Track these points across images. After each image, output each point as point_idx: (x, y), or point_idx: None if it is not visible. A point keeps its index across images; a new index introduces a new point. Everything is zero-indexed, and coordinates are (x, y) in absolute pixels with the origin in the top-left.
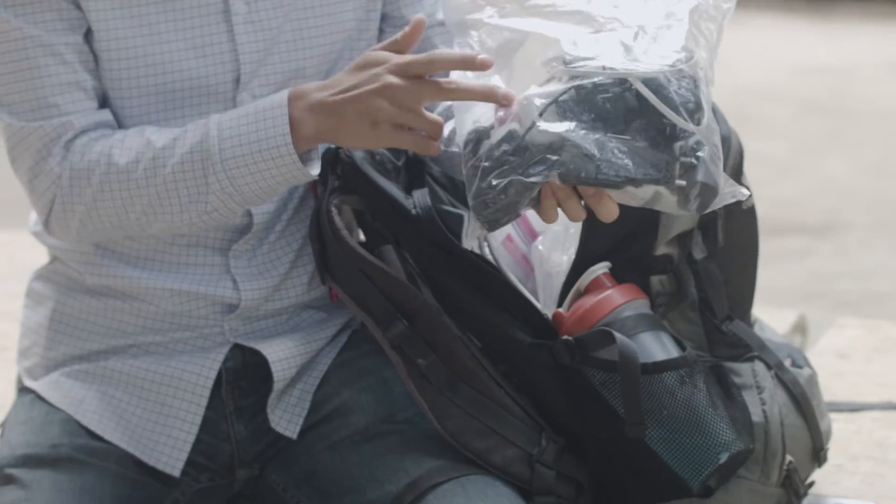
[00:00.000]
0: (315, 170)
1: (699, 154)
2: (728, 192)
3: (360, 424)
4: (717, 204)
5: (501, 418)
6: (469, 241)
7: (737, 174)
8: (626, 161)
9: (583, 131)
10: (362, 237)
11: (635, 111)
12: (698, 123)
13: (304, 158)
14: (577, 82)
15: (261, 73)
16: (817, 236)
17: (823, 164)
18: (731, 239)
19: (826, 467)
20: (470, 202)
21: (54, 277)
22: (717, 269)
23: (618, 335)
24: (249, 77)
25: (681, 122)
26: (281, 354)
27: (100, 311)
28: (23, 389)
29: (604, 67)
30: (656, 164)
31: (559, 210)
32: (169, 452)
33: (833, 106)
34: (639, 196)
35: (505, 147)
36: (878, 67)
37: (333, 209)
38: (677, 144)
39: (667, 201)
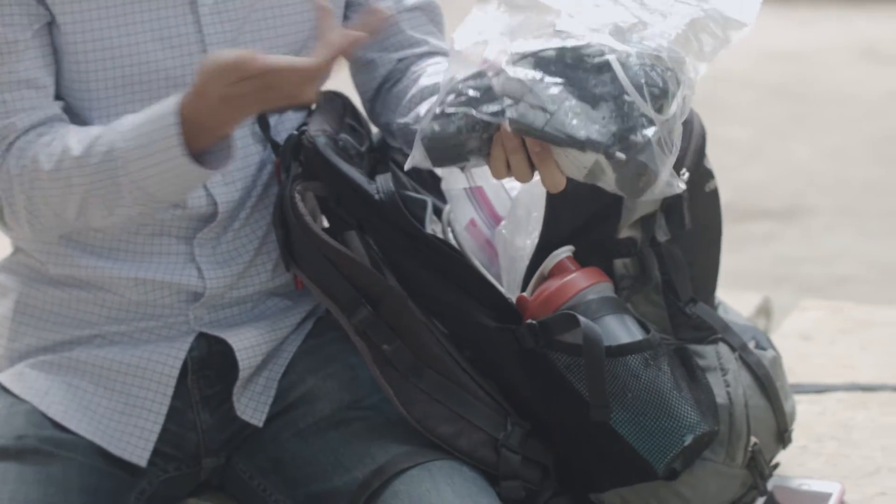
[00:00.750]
0: (226, 164)
1: (646, 133)
2: (665, 183)
3: (325, 411)
4: (653, 193)
5: (467, 403)
6: (407, 165)
7: (699, 157)
8: (576, 122)
9: (546, 86)
10: (326, 224)
11: (604, 83)
12: (660, 111)
13: (213, 154)
14: (560, 44)
15: None
16: (782, 220)
17: (788, 149)
18: (695, 222)
19: (791, 449)
20: (420, 125)
21: (17, 268)
22: (681, 252)
23: (582, 319)
24: None
25: (639, 101)
26: (246, 343)
27: (63, 301)
28: None
29: (559, 30)
30: (603, 133)
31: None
32: (135, 443)
33: (797, 91)
34: (581, 164)
35: (470, 83)
36: (842, 52)
37: (297, 195)
38: (630, 121)
39: (607, 178)
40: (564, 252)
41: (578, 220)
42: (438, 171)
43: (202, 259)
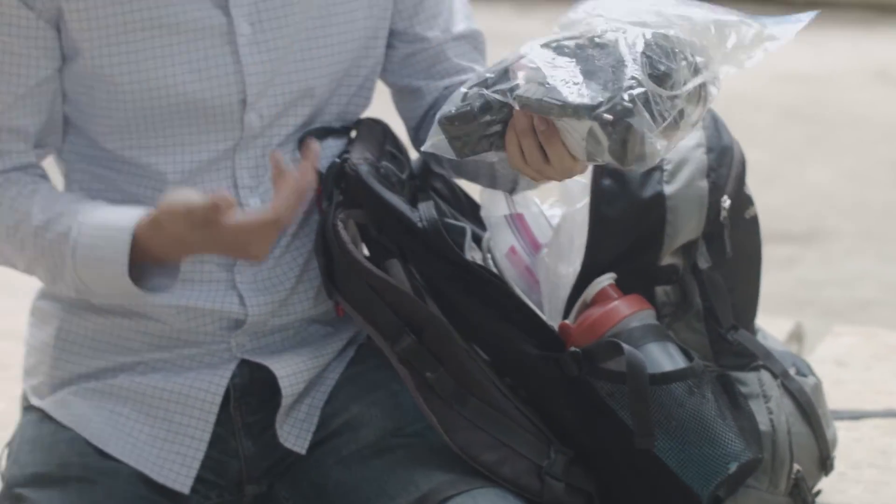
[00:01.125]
0: (170, 286)
1: (633, 93)
2: (658, 149)
3: (369, 439)
4: (644, 163)
5: (510, 430)
6: (425, 147)
7: (740, 183)
8: (571, 90)
9: (554, 65)
10: (366, 252)
11: (607, 56)
12: (661, 84)
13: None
14: (578, 36)
15: (268, 93)
16: (802, 244)
17: (805, 172)
18: (736, 248)
19: (830, 475)
20: (441, 110)
21: (59, 296)
22: (722, 278)
23: (626, 346)
24: (256, 98)
25: (630, 65)
26: (289, 370)
27: (106, 328)
28: (29, 408)
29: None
30: (593, 98)
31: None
32: (178, 470)
33: (812, 113)
34: (579, 135)
35: (491, 68)
36: (856, 75)
37: (339, 223)
38: (620, 85)
39: (602, 148)
40: (607, 279)
41: (621, 247)
42: (478, 198)
43: (243, 286)
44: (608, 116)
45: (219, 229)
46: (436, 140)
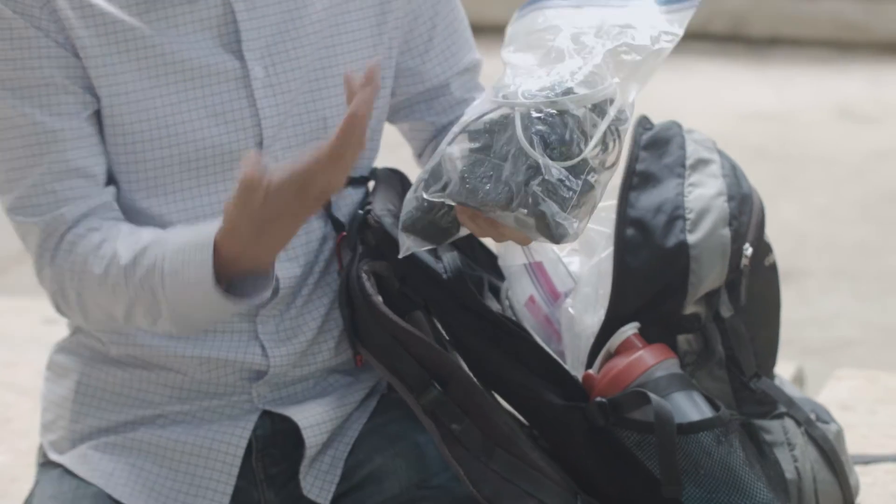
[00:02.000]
0: (265, 293)
1: (536, 188)
2: (575, 227)
3: (393, 490)
4: (570, 237)
5: (537, 481)
6: (401, 254)
7: (760, 231)
8: (487, 188)
9: (469, 158)
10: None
11: (508, 142)
12: (563, 157)
13: (252, 281)
14: (487, 111)
15: (282, 135)
16: None
17: (776, 211)
18: (756, 296)
19: None
20: (400, 217)
21: (78, 349)
22: (744, 326)
23: (653, 396)
24: (272, 140)
25: (529, 152)
26: (312, 420)
27: (126, 381)
28: (47, 464)
29: (504, 97)
30: (508, 194)
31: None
32: None
33: (779, 152)
34: (508, 220)
35: (425, 174)
36: (819, 112)
37: (364, 275)
38: (524, 174)
39: (531, 230)
40: (631, 329)
41: (645, 296)
42: (494, 248)
43: (265, 336)
44: (523, 210)
45: (285, 184)
46: (408, 244)
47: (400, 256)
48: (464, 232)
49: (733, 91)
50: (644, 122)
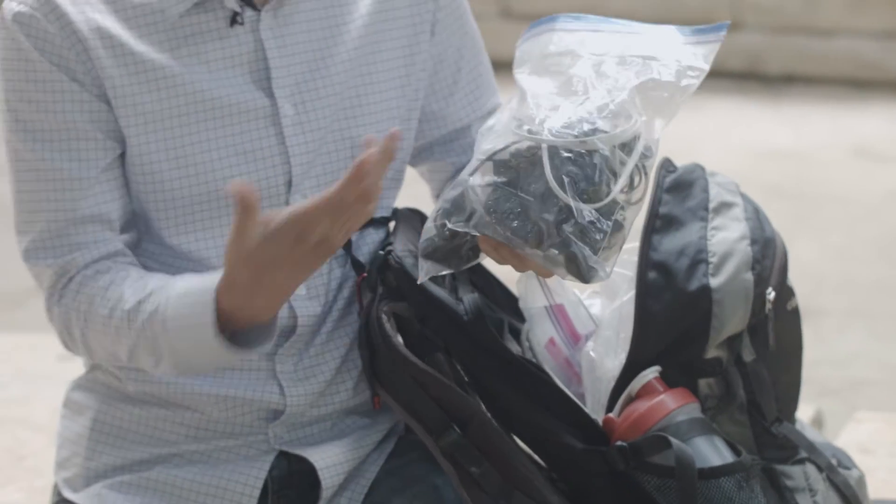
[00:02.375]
0: (268, 342)
1: (565, 228)
2: (606, 269)
3: None
4: (599, 277)
5: None
6: (420, 279)
7: (783, 275)
8: (515, 223)
9: (495, 191)
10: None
11: (537, 179)
12: (591, 199)
13: (255, 333)
14: (512, 141)
15: (311, 173)
16: None
17: (792, 250)
18: (777, 340)
19: None
20: (419, 243)
21: (94, 386)
22: (765, 370)
23: (674, 441)
24: (301, 179)
25: (560, 195)
26: (329, 461)
27: (142, 419)
28: (61, 502)
29: (529, 131)
30: (537, 231)
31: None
32: None
33: (796, 190)
34: (535, 257)
35: (448, 194)
36: (836, 150)
37: (384, 316)
38: (555, 214)
39: (560, 269)
40: (652, 373)
41: (666, 340)
42: (515, 290)
43: (283, 375)
44: (554, 250)
45: (273, 230)
46: (427, 268)
47: (419, 281)
48: (483, 257)
49: (749, 129)
50: (667, 165)
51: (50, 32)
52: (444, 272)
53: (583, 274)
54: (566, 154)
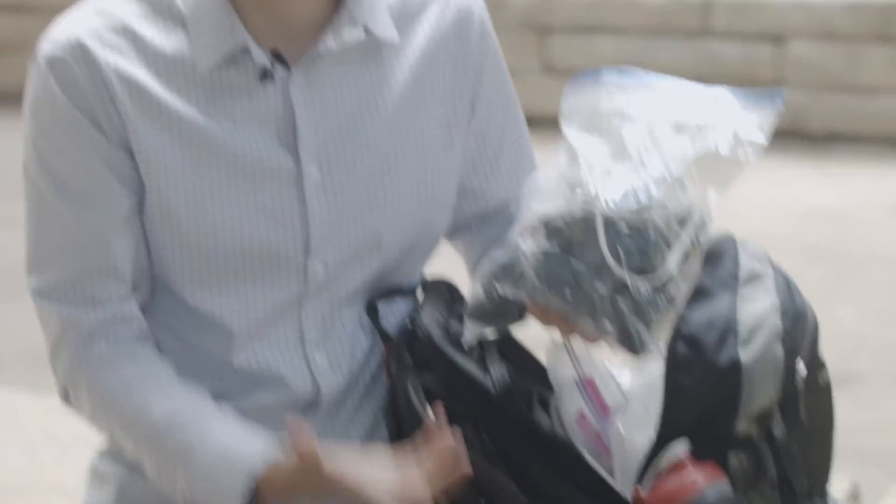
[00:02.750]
0: None
1: (620, 301)
2: (658, 345)
3: None
4: (649, 350)
5: None
6: (467, 340)
7: (813, 349)
8: (567, 291)
9: (548, 258)
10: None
11: (591, 249)
12: (644, 271)
13: None
14: (565, 209)
15: (332, 241)
16: (834, 388)
17: (834, 313)
18: (809, 415)
19: None
20: (467, 305)
21: (119, 456)
22: (797, 445)
23: None
24: (320, 245)
25: (616, 269)
26: None
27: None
28: None
29: (585, 200)
30: (590, 302)
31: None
32: None
33: (838, 251)
34: (587, 324)
35: (497, 256)
36: (879, 211)
37: (411, 388)
38: (609, 287)
39: (611, 338)
40: (681, 448)
41: (696, 414)
42: (545, 360)
43: None
44: (607, 321)
45: (330, 483)
46: (474, 331)
47: (465, 342)
48: (528, 318)
49: (791, 188)
50: None
51: (79, 78)
52: (489, 331)
53: (636, 348)
54: (622, 225)
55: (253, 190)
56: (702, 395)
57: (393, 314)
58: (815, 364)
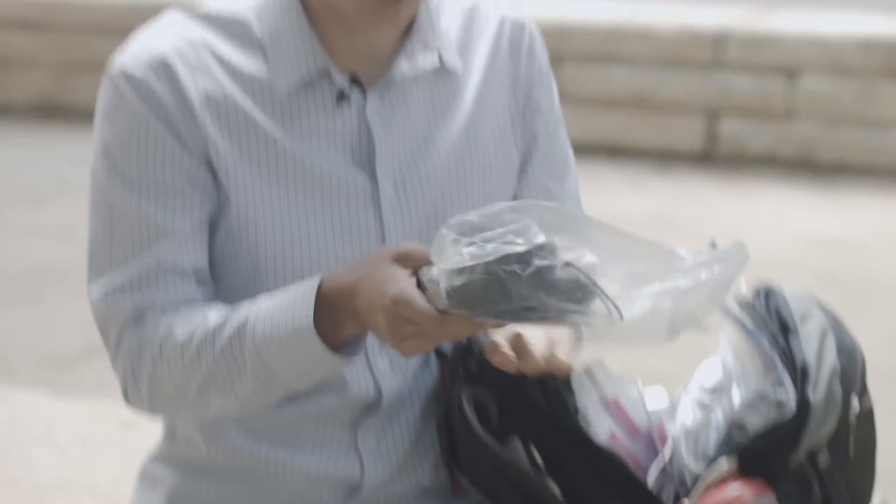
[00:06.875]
0: (354, 355)
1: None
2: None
3: None
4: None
5: None
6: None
7: (864, 383)
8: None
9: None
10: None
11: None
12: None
13: (345, 345)
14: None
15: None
16: None
17: None
18: (857, 444)
19: None
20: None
21: (172, 459)
22: (840, 471)
23: None
24: None
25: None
26: None
27: (219, 493)
28: None
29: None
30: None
31: None
32: None
33: (847, 280)
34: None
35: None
36: (888, 239)
37: (464, 400)
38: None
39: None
40: (729, 463)
41: (756, 450)
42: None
43: (365, 449)
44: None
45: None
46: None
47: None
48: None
49: (800, 217)
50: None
51: (159, 93)
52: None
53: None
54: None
55: (331, 207)
56: (768, 432)
57: None
58: (864, 396)
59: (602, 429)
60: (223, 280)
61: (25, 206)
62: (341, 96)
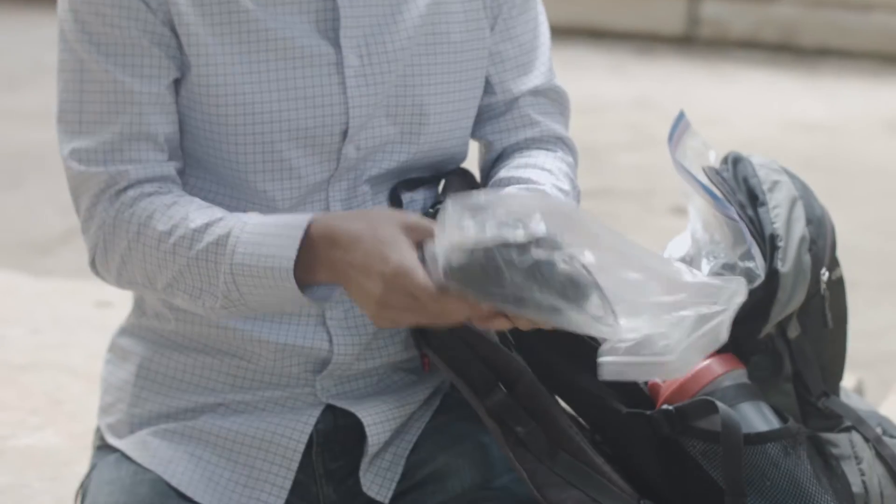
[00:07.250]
0: (325, 301)
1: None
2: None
3: (455, 490)
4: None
5: (602, 487)
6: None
7: (833, 253)
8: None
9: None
10: None
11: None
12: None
13: (318, 288)
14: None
15: (368, 126)
16: None
17: None
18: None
19: None
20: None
21: (141, 333)
22: (811, 343)
23: (720, 405)
24: (356, 131)
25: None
26: (376, 417)
27: (188, 367)
28: (104, 447)
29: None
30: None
31: None
32: None
33: (828, 164)
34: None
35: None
36: (868, 124)
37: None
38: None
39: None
40: None
41: None
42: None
43: (333, 323)
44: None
45: (404, 271)
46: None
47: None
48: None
49: (782, 101)
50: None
51: None
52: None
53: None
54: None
55: (293, 76)
56: None
57: (415, 203)
58: (833, 265)
59: None
60: (183, 149)
61: (2, 90)
62: None
